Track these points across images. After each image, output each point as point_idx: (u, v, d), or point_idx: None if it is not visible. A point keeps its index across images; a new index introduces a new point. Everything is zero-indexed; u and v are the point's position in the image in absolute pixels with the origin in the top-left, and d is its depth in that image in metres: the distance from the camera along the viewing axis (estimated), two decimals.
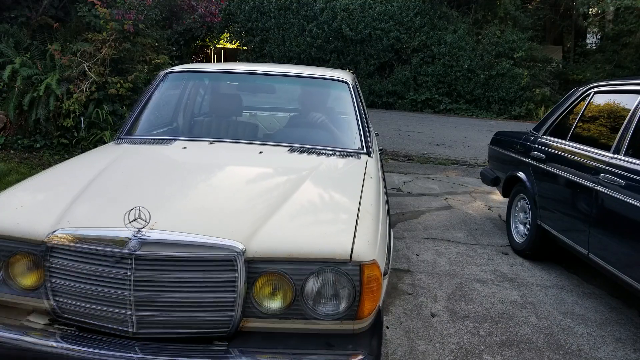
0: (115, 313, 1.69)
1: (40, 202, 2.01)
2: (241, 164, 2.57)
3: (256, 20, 16.11)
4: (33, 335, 1.70)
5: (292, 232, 1.80)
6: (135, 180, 2.26)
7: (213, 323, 1.69)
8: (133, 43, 6.96)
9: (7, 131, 6.86)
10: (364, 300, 1.69)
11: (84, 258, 1.70)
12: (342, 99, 3.24)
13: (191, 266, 1.65)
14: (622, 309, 3.29)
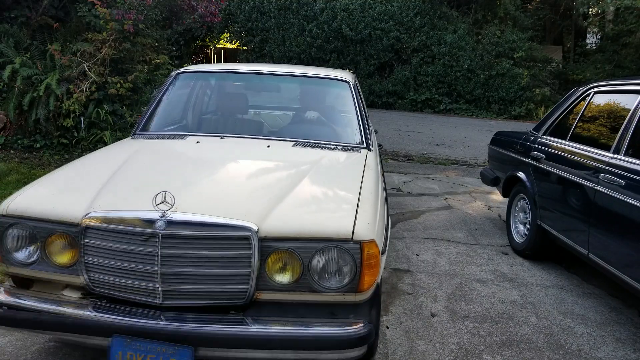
0: (143, 286, 1.90)
1: (73, 189, 2.23)
2: (252, 156, 2.80)
3: (256, 20, 16.11)
4: (69, 306, 1.94)
5: (300, 214, 2.03)
6: (157, 169, 2.52)
7: (230, 295, 1.91)
8: (133, 43, 6.96)
9: (7, 131, 6.86)
10: (364, 274, 1.90)
11: (115, 237, 1.90)
12: (343, 97, 3.44)
13: (211, 244, 1.86)
14: (622, 309, 3.29)
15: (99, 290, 1.97)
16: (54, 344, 2.53)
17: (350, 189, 2.28)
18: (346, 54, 15.66)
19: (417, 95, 15.36)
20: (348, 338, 1.84)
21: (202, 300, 1.92)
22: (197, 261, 1.87)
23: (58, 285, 2.06)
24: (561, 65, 16.82)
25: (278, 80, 3.84)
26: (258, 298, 1.93)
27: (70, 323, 1.89)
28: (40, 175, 5.35)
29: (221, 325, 1.86)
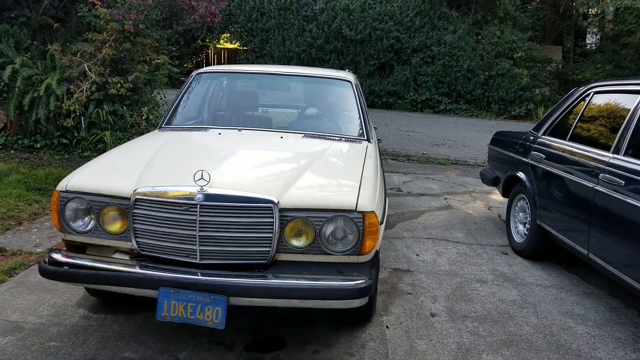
0: (184, 248, 2.28)
1: (120, 170, 2.66)
2: (268, 145, 3.18)
3: (256, 20, 16.11)
4: (122, 265, 2.30)
5: (312, 190, 2.47)
6: (189, 154, 2.97)
7: (255, 255, 2.29)
8: (133, 43, 6.96)
9: (8, 131, 6.87)
10: (365, 240, 2.28)
11: (161, 207, 2.28)
12: (346, 95, 3.83)
13: (240, 213, 2.25)
14: (622, 309, 3.29)
15: (146, 252, 2.35)
16: (54, 344, 2.53)
17: (353, 171, 2.67)
18: (346, 54, 15.66)
19: (417, 95, 15.36)
20: (352, 290, 2.22)
21: (233, 259, 2.30)
22: (228, 227, 2.26)
23: (109, 249, 2.43)
24: (561, 66, 16.82)
25: (288, 80, 4.22)
26: (278, 259, 2.33)
27: (126, 278, 2.26)
28: (41, 175, 5.36)
29: (249, 279, 2.23)
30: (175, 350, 2.53)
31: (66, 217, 2.41)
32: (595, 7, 15.12)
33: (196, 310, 2.22)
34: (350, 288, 2.22)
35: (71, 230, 2.42)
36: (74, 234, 2.42)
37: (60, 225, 2.42)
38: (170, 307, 2.22)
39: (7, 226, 4.14)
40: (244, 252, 2.29)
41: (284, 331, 2.76)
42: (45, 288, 3.12)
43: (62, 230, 2.44)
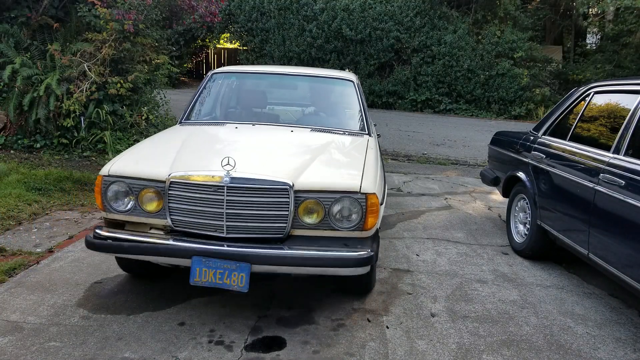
0: (213, 223, 2.64)
1: (153, 157, 3.05)
2: (281, 137, 3.50)
3: (256, 20, 16.10)
4: (159, 239, 2.68)
5: (323, 175, 2.81)
6: (213, 144, 3.39)
7: (273, 230, 2.65)
8: (133, 43, 6.95)
9: (7, 131, 6.86)
10: (368, 217, 2.66)
11: (193, 189, 2.64)
12: (349, 94, 4.18)
13: (262, 194, 2.61)
14: (622, 309, 3.29)
15: (179, 228, 2.70)
16: (54, 344, 2.53)
17: (357, 160, 3.05)
18: (346, 54, 15.65)
19: (417, 95, 15.36)
20: (357, 259, 2.59)
21: (254, 234, 2.66)
22: (251, 205, 2.62)
23: (145, 226, 2.80)
24: (561, 65, 16.81)
25: (295, 80, 4.56)
26: (292, 234, 2.68)
27: (164, 249, 2.64)
28: (41, 175, 5.36)
29: (269, 249, 2.60)
30: (175, 350, 2.53)
31: (108, 198, 2.78)
32: (596, 7, 15.11)
33: (224, 276, 2.59)
34: (355, 258, 2.61)
35: (112, 210, 2.78)
36: (115, 212, 2.79)
37: (103, 205, 2.78)
38: (202, 273, 2.59)
39: (7, 226, 4.14)
40: (264, 227, 2.65)
41: (284, 331, 2.76)
42: (45, 288, 3.12)
43: (104, 209, 2.80)
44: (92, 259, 3.57)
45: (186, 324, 2.78)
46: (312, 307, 3.04)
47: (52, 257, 3.58)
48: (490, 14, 16.08)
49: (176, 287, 3.22)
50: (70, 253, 3.67)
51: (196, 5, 8.50)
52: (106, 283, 3.24)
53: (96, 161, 6.48)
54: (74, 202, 4.89)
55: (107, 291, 3.13)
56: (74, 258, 3.59)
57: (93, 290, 3.14)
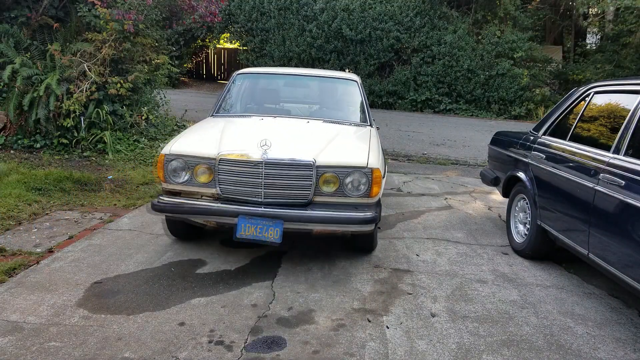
0: (253, 191, 3.34)
1: (203, 141, 3.69)
2: (300, 126, 4.14)
3: (256, 20, 16.10)
4: (211, 203, 3.38)
5: (337, 154, 3.49)
6: (247, 130, 3.98)
7: (299, 197, 3.35)
8: (133, 43, 6.95)
9: (7, 131, 6.86)
10: (373, 187, 3.37)
11: (238, 164, 3.32)
12: (353, 92, 4.91)
13: (292, 168, 3.31)
14: (622, 309, 3.29)
15: (225, 195, 3.38)
16: (54, 344, 2.53)
17: (363, 144, 3.78)
18: (346, 54, 15.66)
19: (417, 95, 15.36)
20: (364, 219, 3.31)
21: (285, 199, 3.35)
22: (283, 177, 3.31)
23: (197, 194, 3.46)
24: (561, 65, 16.82)
25: (307, 80, 5.24)
26: (314, 200, 3.37)
27: (216, 210, 3.34)
28: (40, 175, 5.36)
29: (297, 211, 3.31)
30: (175, 350, 2.53)
31: (169, 172, 3.44)
32: (596, 7, 15.11)
33: (263, 231, 3.27)
34: (362, 218, 3.31)
35: (172, 182, 3.45)
36: (173, 184, 3.45)
37: (164, 177, 3.46)
38: (246, 229, 3.27)
39: (7, 226, 4.14)
40: (292, 194, 3.35)
41: (284, 331, 2.76)
42: (45, 288, 3.12)
43: (165, 181, 3.47)
44: (92, 259, 3.58)
45: (186, 324, 2.79)
46: (312, 307, 3.04)
47: (52, 257, 3.58)
48: (490, 14, 16.08)
49: (176, 287, 3.22)
50: (70, 253, 3.67)
51: (196, 5, 8.51)
52: (106, 283, 3.24)
53: (96, 161, 6.48)
54: (74, 202, 4.89)
55: (107, 291, 3.13)
56: (74, 258, 3.59)
57: (93, 290, 3.14)
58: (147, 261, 3.60)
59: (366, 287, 3.37)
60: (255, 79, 5.18)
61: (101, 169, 6.21)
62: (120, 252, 3.74)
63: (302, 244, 4.07)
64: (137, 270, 3.45)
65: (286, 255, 3.83)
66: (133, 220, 4.46)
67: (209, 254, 3.78)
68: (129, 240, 3.98)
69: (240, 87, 4.93)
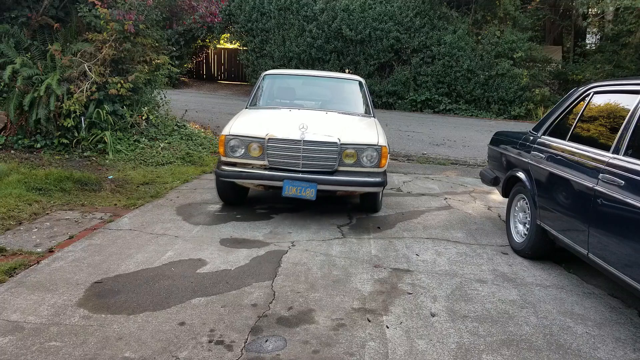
0: (294, 162, 4.41)
1: (252, 125, 4.72)
2: (322, 116, 5.17)
3: (256, 20, 16.10)
4: (262, 171, 4.42)
5: (355, 135, 4.61)
6: (283, 118, 4.94)
7: (328, 166, 4.42)
8: (133, 43, 6.96)
9: (8, 131, 6.86)
10: (382, 159, 4.50)
11: (282, 144, 4.41)
12: (358, 90, 6.02)
13: (322, 145, 4.37)
14: (622, 308, 3.29)
15: (272, 165, 4.45)
16: (54, 344, 2.54)
17: (371, 129, 4.91)
18: (346, 54, 15.66)
19: (417, 95, 15.36)
20: (376, 182, 4.47)
21: (317, 168, 4.44)
22: (316, 152, 4.41)
23: (250, 165, 4.51)
24: (561, 66, 16.82)
25: (322, 80, 6.26)
26: (338, 169, 4.48)
27: (267, 175, 4.43)
28: (41, 175, 5.37)
29: (326, 176, 4.42)
30: (175, 350, 2.54)
31: (228, 148, 4.52)
32: (595, 7, 15.11)
33: (301, 190, 4.34)
34: (374, 181, 4.47)
35: (230, 155, 4.52)
36: (231, 157, 4.53)
37: (225, 152, 4.52)
38: (289, 189, 4.34)
39: (7, 226, 4.14)
40: (323, 164, 4.44)
41: (284, 331, 2.77)
42: (46, 288, 3.12)
43: (225, 155, 4.53)
44: (93, 259, 3.58)
45: (186, 324, 2.79)
46: (312, 307, 3.05)
47: (53, 257, 3.59)
48: (490, 14, 16.08)
49: (176, 287, 3.22)
50: (70, 253, 3.68)
51: (196, 5, 8.52)
52: (106, 283, 3.24)
53: (96, 161, 6.49)
54: (74, 202, 4.89)
55: (107, 291, 3.13)
56: (74, 258, 3.59)
57: (93, 290, 3.14)
58: (148, 261, 3.60)
59: (366, 287, 3.38)
60: (279, 78, 6.27)
61: (101, 169, 6.21)
62: (121, 252, 3.75)
63: (302, 244, 4.07)
64: (138, 270, 3.45)
65: (286, 255, 3.83)
66: (133, 220, 4.47)
67: (209, 254, 3.78)
68: (129, 240, 3.98)
69: (268, 85, 5.94)
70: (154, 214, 4.67)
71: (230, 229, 4.38)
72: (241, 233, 4.28)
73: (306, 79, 6.35)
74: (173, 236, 4.11)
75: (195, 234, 4.21)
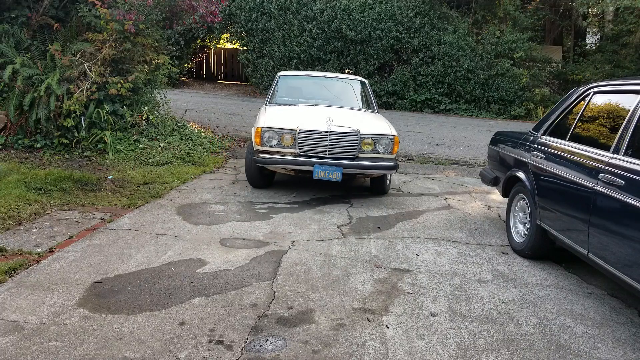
0: (321, 150, 5.18)
1: (283, 118, 5.40)
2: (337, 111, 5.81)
3: (256, 20, 16.10)
4: (294, 157, 5.19)
5: (371, 127, 5.41)
6: (307, 113, 5.65)
7: (350, 153, 5.22)
8: (133, 43, 6.96)
9: (8, 131, 6.86)
10: (394, 147, 5.32)
11: (311, 135, 5.16)
12: (364, 89, 6.85)
13: (346, 135, 5.17)
14: (622, 308, 3.29)
15: (302, 153, 5.17)
16: (54, 344, 2.54)
17: (383, 121, 5.71)
18: (346, 54, 15.66)
19: (417, 95, 15.36)
20: (389, 166, 5.26)
21: (342, 155, 5.18)
22: (341, 141, 5.15)
23: (282, 153, 5.20)
24: (561, 66, 16.82)
25: (331, 80, 7.02)
26: (358, 155, 5.21)
27: (300, 161, 5.14)
28: (41, 175, 5.37)
29: (349, 162, 5.16)
30: (176, 350, 2.54)
31: (264, 138, 5.19)
32: (595, 7, 15.12)
33: (329, 174, 5.06)
34: (389, 165, 5.26)
35: (265, 145, 5.19)
36: (267, 146, 5.19)
37: (261, 142, 5.19)
38: (318, 173, 5.06)
39: (7, 226, 4.14)
40: (346, 152, 5.18)
41: (284, 331, 2.77)
42: (45, 288, 3.12)
43: (260, 145, 5.19)
44: (93, 259, 3.58)
45: (186, 324, 2.79)
46: (312, 307, 3.05)
47: (53, 257, 3.59)
48: (490, 14, 16.08)
49: (176, 287, 3.22)
50: (70, 253, 3.68)
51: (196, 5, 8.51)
52: (106, 283, 3.24)
53: (96, 161, 6.49)
54: (75, 202, 4.89)
55: (107, 291, 3.13)
56: (74, 258, 3.59)
57: (93, 290, 3.14)
58: (147, 261, 3.60)
59: (366, 287, 3.38)
60: (293, 79, 7.04)
61: (101, 168, 6.21)
62: (121, 251, 3.75)
63: (302, 244, 4.08)
64: (138, 270, 3.45)
65: (286, 255, 3.83)
66: (133, 220, 4.47)
67: (209, 254, 3.78)
68: (129, 240, 3.98)
69: (283, 84, 6.68)
70: (154, 214, 4.67)
71: (230, 229, 4.38)
72: (241, 233, 4.28)
73: (316, 79, 6.96)
74: (173, 236, 4.11)
75: (195, 234, 4.21)
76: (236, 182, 6.06)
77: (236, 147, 8.41)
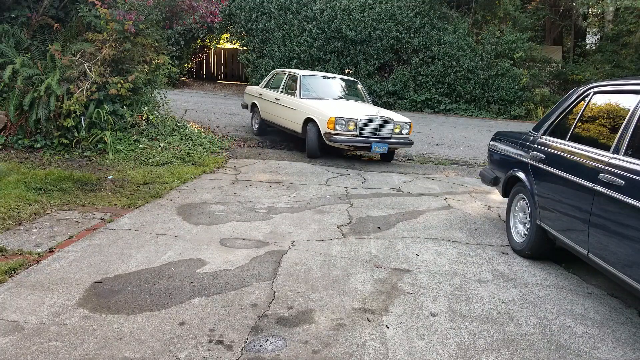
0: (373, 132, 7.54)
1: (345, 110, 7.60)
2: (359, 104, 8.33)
3: (256, 20, 16.10)
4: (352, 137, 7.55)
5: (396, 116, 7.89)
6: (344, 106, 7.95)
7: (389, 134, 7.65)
8: (133, 43, 6.96)
9: (8, 131, 6.86)
10: (410, 129, 7.89)
11: (370, 122, 7.47)
12: (361, 87, 9.08)
13: (389, 122, 7.58)
14: (622, 308, 3.29)
15: (361, 134, 7.44)
16: (54, 344, 2.54)
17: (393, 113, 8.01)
18: (346, 54, 15.66)
19: (417, 95, 15.36)
20: (409, 142, 7.83)
21: (384, 136, 7.55)
22: (384, 125, 7.50)
23: (346, 135, 7.34)
24: (561, 66, 16.82)
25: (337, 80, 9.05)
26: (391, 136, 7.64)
27: (362, 140, 7.41)
28: (41, 175, 5.37)
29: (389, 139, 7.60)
30: (176, 350, 2.54)
31: (337, 125, 7.18)
32: (595, 7, 15.12)
33: (380, 148, 7.36)
34: (408, 141, 7.76)
35: (337, 129, 7.22)
36: (337, 130, 7.23)
37: (334, 127, 7.18)
38: (374, 148, 7.34)
39: (7, 226, 4.14)
40: (386, 133, 7.47)
41: (284, 331, 2.77)
42: (45, 288, 3.12)
43: (334, 129, 7.20)
44: (93, 259, 3.58)
45: (186, 323, 2.79)
46: (312, 307, 3.05)
47: (53, 257, 3.59)
48: (490, 14, 16.08)
49: (176, 287, 3.22)
50: (70, 253, 3.68)
51: (196, 5, 8.52)
52: (106, 283, 3.24)
53: (96, 161, 6.49)
54: (75, 202, 4.89)
55: (107, 291, 3.13)
56: (74, 258, 3.59)
57: (93, 290, 3.14)
58: (147, 261, 3.60)
59: (366, 287, 3.38)
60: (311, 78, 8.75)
61: (101, 168, 6.21)
62: (121, 252, 3.75)
63: (302, 244, 4.08)
64: (138, 270, 3.45)
65: (286, 255, 3.84)
66: (133, 220, 4.47)
67: (209, 254, 3.78)
68: (129, 240, 3.98)
69: (305, 83, 8.44)
70: (154, 214, 4.68)
71: (230, 229, 4.38)
72: (241, 233, 4.28)
73: (327, 80, 9.10)
74: (173, 236, 4.11)
75: (195, 234, 4.21)
76: (236, 182, 6.07)
77: (236, 147, 8.42)
